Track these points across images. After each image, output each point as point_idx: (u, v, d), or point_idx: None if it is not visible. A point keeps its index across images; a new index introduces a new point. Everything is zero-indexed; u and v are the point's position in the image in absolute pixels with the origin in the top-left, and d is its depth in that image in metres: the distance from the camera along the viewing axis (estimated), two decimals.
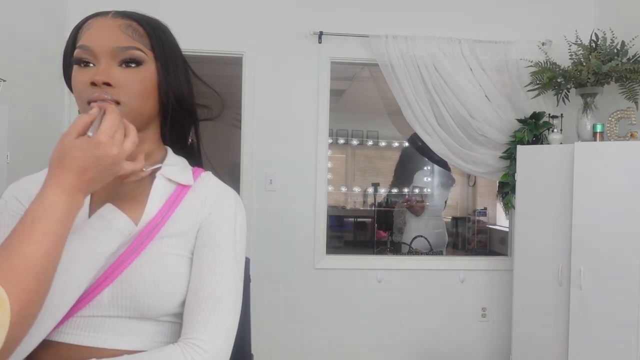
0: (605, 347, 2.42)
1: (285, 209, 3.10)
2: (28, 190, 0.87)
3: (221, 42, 3.04)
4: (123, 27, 0.83)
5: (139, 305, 0.81)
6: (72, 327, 0.81)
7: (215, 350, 0.81)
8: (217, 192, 0.92)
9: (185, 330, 0.82)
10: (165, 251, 0.84)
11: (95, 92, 0.81)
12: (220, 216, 0.89)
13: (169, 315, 0.85)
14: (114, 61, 0.82)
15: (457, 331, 3.24)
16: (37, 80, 2.60)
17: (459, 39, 3.06)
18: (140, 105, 0.84)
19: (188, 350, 0.79)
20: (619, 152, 2.44)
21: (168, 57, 0.87)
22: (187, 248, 0.87)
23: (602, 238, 2.44)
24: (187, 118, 0.93)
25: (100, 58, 0.82)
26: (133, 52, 0.83)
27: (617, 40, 2.70)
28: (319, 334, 3.15)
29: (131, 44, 0.83)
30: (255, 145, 3.09)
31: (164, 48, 0.87)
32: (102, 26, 0.83)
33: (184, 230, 0.87)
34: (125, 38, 0.83)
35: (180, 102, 0.90)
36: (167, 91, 0.87)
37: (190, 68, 0.95)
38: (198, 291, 0.83)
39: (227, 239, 0.88)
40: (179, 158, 0.94)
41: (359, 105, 6.11)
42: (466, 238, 5.76)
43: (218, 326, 0.82)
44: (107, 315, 0.81)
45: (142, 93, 0.84)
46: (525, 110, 3.04)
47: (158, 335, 0.85)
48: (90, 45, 0.82)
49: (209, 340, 0.81)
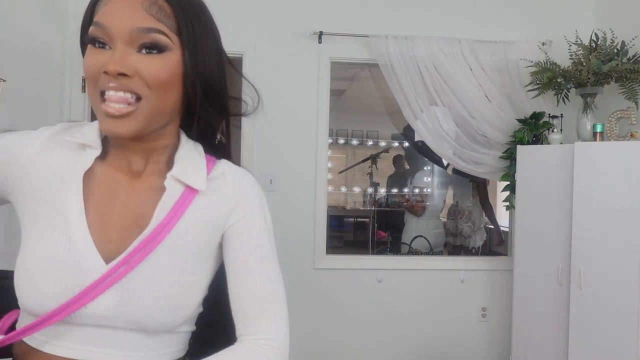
0: (605, 347, 2.41)
1: (285, 209, 3.10)
2: (53, 158, 0.78)
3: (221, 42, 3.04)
4: (147, 5, 0.71)
5: (146, 321, 0.75)
6: (67, 340, 0.75)
7: (284, 344, 0.82)
8: (238, 183, 0.84)
9: (247, 329, 0.80)
10: (181, 256, 0.77)
11: (111, 82, 0.70)
12: (249, 210, 0.82)
13: (182, 325, 0.80)
14: (132, 46, 0.71)
15: (457, 331, 3.24)
16: (37, 80, 2.60)
17: (459, 39, 3.06)
18: (161, 99, 0.73)
19: (261, 350, 0.79)
20: (619, 152, 2.43)
21: (198, 43, 0.75)
22: (205, 252, 0.80)
23: (602, 238, 2.44)
24: (216, 113, 0.82)
25: (117, 41, 0.71)
26: (155, 35, 0.71)
27: (617, 40, 2.70)
28: (319, 333, 3.15)
29: (154, 26, 0.71)
30: (255, 145, 3.09)
31: (194, 32, 0.75)
32: (123, 2, 0.71)
33: (197, 225, 0.79)
34: (147, 18, 0.71)
35: (210, 95, 0.78)
36: (195, 83, 0.76)
37: (226, 56, 0.84)
38: (246, 290, 0.81)
39: (259, 230, 0.83)
40: (191, 145, 0.83)
41: (359, 105, 6.10)
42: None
43: (278, 319, 0.83)
44: (111, 326, 0.75)
45: (164, 85, 0.73)
46: (525, 110, 3.04)
47: (165, 347, 0.79)
48: (106, 24, 0.70)
49: (275, 336, 0.81)
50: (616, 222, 2.40)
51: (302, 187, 3.12)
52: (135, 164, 0.80)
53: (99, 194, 0.78)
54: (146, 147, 0.79)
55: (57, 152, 0.79)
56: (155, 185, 0.79)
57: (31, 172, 0.78)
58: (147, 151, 0.80)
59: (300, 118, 3.11)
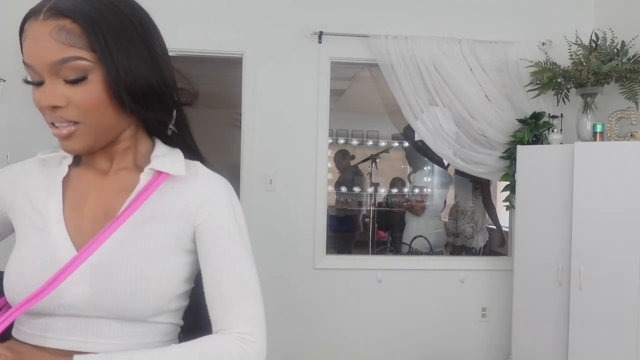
0: (605, 347, 2.41)
1: (285, 209, 3.10)
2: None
3: (221, 42, 3.04)
4: (55, 33, 0.72)
5: (120, 308, 0.78)
6: (55, 331, 0.79)
7: (261, 338, 0.83)
8: (208, 182, 0.87)
9: (223, 324, 0.82)
10: (151, 244, 0.81)
11: (50, 114, 0.75)
12: (217, 207, 0.85)
13: (159, 315, 0.82)
14: (58, 77, 0.74)
15: (457, 331, 3.24)
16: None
17: (459, 39, 3.06)
18: (98, 119, 0.76)
19: (238, 342, 0.80)
20: (619, 152, 2.43)
21: (115, 53, 0.74)
22: (176, 242, 0.83)
23: (602, 238, 2.44)
24: (159, 110, 0.83)
25: (44, 75, 0.74)
26: (72, 64, 0.72)
27: (617, 40, 2.70)
28: (318, 333, 3.15)
29: (68, 55, 0.72)
30: (255, 145, 3.09)
31: (108, 44, 0.73)
32: (35, 36, 0.73)
33: (166, 215, 0.82)
34: (58, 48, 0.72)
35: (141, 97, 0.78)
36: (119, 93, 0.76)
37: (162, 48, 0.82)
38: (218, 287, 0.82)
39: (230, 228, 0.85)
40: (169, 148, 0.88)
41: (359, 105, 6.10)
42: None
43: (252, 315, 0.83)
44: (90, 315, 0.79)
45: (97, 108, 0.75)
46: (525, 110, 3.04)
47: (148, 337, 0.82)
48: (30, 62, 0.74)
49: (252, 331, 0.82)
50: (616, 222, 2.40)
51: (302, 187, 3.12)
52: (101, 165, 0.87)
53: (74, 194, 0.86)
54: (108, 151, 0.86)
55: (41, 170, 0.89)
56: (124, 181, 0.85)
57: (22, 187, 0.88)
58: (110, 153, 0.86)
59: (300, 118, 3.11)
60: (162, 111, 0.84)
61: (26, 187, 0.87)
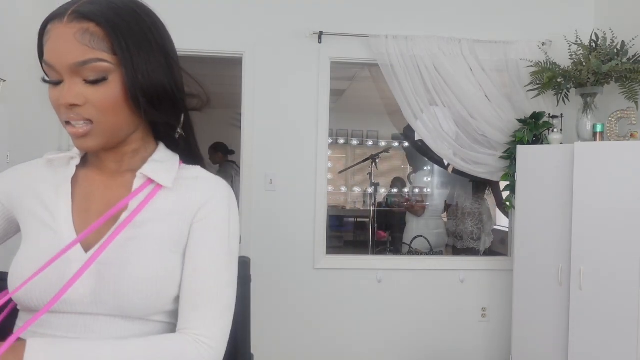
0: (605, 347, 2.42)
1: (285, 209, 3.10)
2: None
3: (221, 42, 3.04)
4: (79, 35, 0.75)
5: (123, 305, 0.79)
6: (54, 328, 0.80)
7: (220, 346, 0.82)
8: (209, 185, 0.89)
9: (187, 323, 0.82)
10: (152, 243, 0.82)
11: (68, 113, 0.78)
12: (214, 209, 0.86)
13: (159, 314, 0.83)
14: (78, 77, 0.77)
15: (457, 331, 3.24)
16: (37, 80, 2.59)
17: (459, 39, 3.06)
18: (113, 119, 0.80)
19: (196, 345, 0.80)
20: (619, 152, 2.44)
21: (135, 57, 0.78)
22: (177, 242, 0.84)
23: (602, 238, 2.44)
24: (170, 114, 0.86)
25: (64, 75, 0.77)
26: (94, 65, 0.76)
27: (617, 40, 2.70)
28: (318, 333, 3.15)
29: (90, 57, 0.75)
30: (255, 145, 3.09)
31: (129, 48, 0.77)
32: (58, 37, 0.76)
33: (168, 215, 0.84)
34: (82, 50, 0.75)
35: (156, 101, 0.82)
36: (136, 96, 0.79)
37: (175, 55, 0.86)
38: (195, 287, 0.82)
39: (221, 232, 0.86)
40: (169, 154, 0.91)
41: (359, 105, 6.11)
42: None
43: (219, 322, 0.83)
44: (92, 312, 0.79)
45: (113, 109, 0.79)
46: (525, 110, 3.04)
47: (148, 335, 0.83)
48: (51, 62, 0.77)
49: (213, 335, 0.81)
50: (616, 222, 2.40)
51: (302, 187, 3.12)
52: (109, 165, 0.89)
53: (82, 194, 0.87)
54: (117, 152, 0.88)
55: (49, 170, 0.91)
56: (130, 182, 0.86)
57: (31, 187, 0.89)
58: (119, 155, 0.88)
59: (300, 118, 3.12)
60: (174, 115, 0.88)
61: (36, 187, 0.88)
